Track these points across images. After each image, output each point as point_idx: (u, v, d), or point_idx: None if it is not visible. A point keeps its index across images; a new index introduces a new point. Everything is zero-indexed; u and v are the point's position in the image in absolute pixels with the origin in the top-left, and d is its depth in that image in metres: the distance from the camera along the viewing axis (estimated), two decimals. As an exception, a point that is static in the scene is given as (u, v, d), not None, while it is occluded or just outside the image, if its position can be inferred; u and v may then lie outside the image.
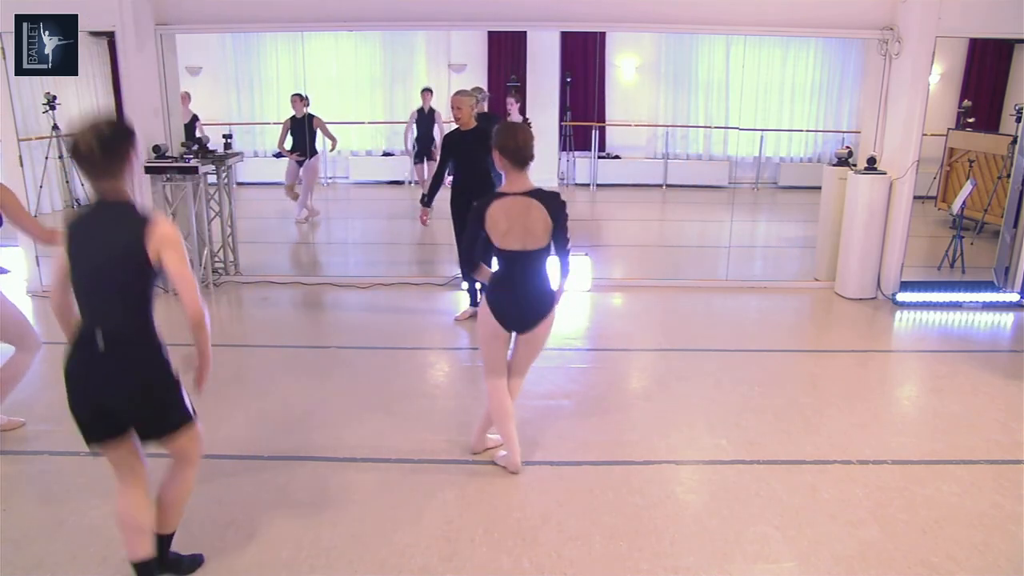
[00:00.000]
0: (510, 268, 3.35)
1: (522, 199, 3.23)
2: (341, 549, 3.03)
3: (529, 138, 3.26)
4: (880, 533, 3.15)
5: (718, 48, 11.95)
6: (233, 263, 7.03)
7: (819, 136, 12.37)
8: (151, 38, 6.23)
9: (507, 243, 3.26)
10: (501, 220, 3.23)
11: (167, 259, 2.54)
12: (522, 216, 3.23)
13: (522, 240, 3.26)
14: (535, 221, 3.24)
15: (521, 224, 3.23)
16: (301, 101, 8.69)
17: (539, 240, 3.28)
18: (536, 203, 3.24)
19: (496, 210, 3.22)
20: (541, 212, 3.24)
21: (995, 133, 9.34)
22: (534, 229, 3.25)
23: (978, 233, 8.40)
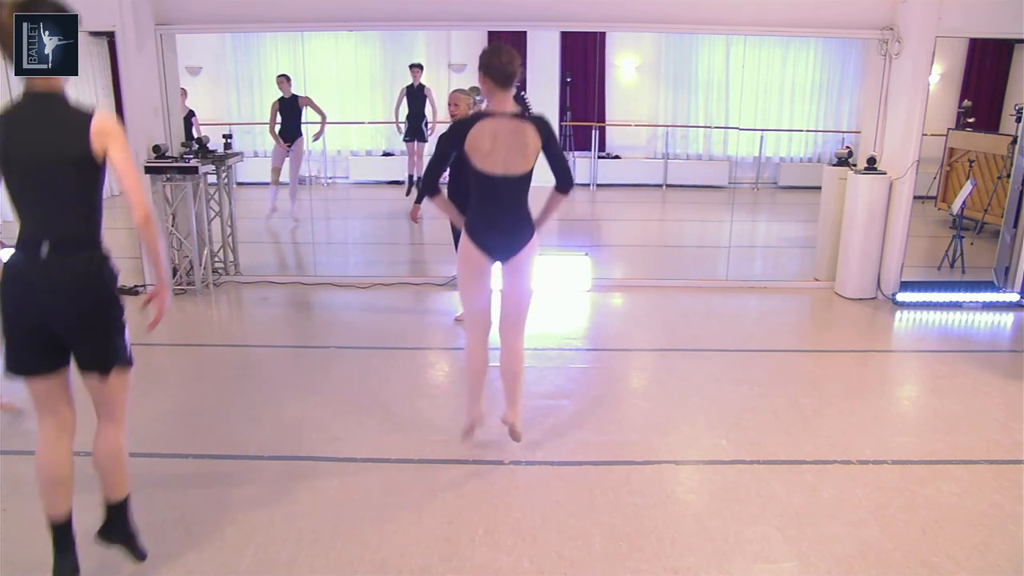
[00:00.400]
0: (490, 192, 3.21)
1: (510, 120, 3.12)
2: (341, 549, 3.03)
3: (513, 56, 3.13)
4: (880, 533, 3.15)
5: (718, 48, 11.95)
6: (233, 263, 7.03)
7: (819, 136, 12.38)
8: (151, 38, 6.22)
9: (489, 165, 3.13)
10: (485, 140, 3.09)
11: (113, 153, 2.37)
12: (509, 137, 3.10)
13: (505, 163, 3.13)
14: (524, 143, 3.11)
15: (506, 145, 3.10)
16: (288, 82, 8.68)
17: (524, 163, 3.16)
18: (526, 124, 3.13)
19: (481, 129, 3.09)
20: (532, 133, 3.13)
21: (995, 133, 9.35)
22: (522, 150, 3.12)
23: (978, 233, 8.41)
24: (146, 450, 3.80)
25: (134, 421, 4.11)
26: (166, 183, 6.31)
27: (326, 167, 11.88)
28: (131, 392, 2.71)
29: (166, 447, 3.83)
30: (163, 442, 3.89)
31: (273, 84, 8.94)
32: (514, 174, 3.17)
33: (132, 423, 4.08)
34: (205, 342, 5.57)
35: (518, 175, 3.18)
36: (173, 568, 2.90)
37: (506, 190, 3.20)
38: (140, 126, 6.21)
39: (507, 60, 3.11)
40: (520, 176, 3.19)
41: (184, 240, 6.52)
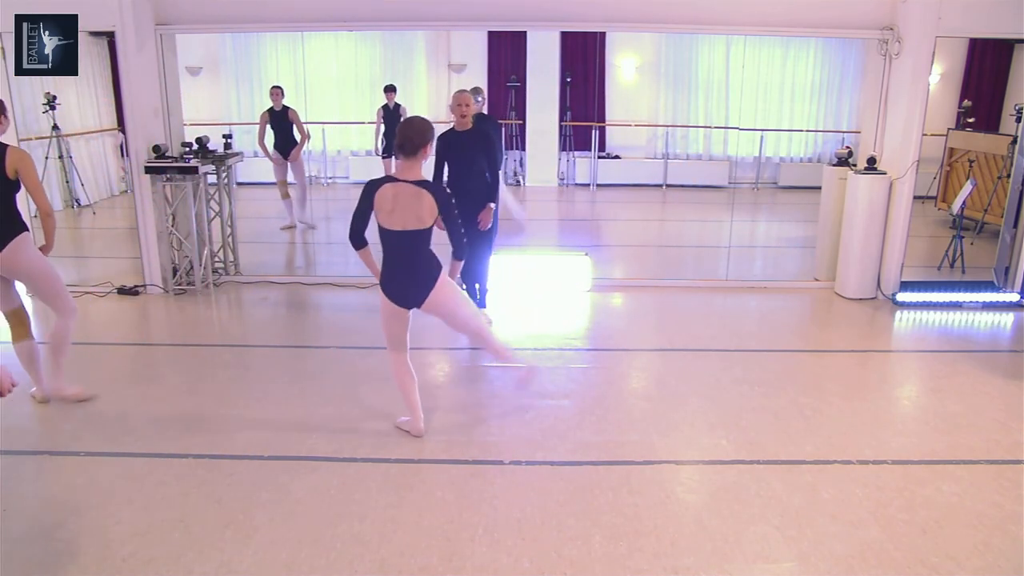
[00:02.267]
0: (393, 247, 3.64)
1: (410, 187, 3.52)
2: (341, 549, 3.03)
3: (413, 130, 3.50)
4: (880, 533, 3.15)
5: (718, 48, 11.95)
6: (233, 263, 7.03)
7: (819, 136, 12.38)
8: (151, 38, 6.23)
9: (390, 223, 3.56)
10: (387, 202, 3.52)
11: None
12: (408, 200, 3.51)
13: (403, 221, 3.54)
14: (422, 207, 3.52)
15: (405, 206, 3.51)
16: (280, 94, 8.55)
17: (421, 222, 3.56)
18: (423, 191, 3.52)
19: (386, 191, 3.52)
20: (429, 200, 3.52)
21: (995, 133, 9.35)
22: (419, 213, 3.53)
23: (978, 233, 8.41)
24: (146, 450, 3.81)
25: (135, 421, 4.13)
26: (166, 183, 6.31)
27: (326, 167, 11.87)
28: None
29: (166, 447, 3.83)
30: (163, 442, 3.89)
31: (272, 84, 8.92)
32: (412, 229, 3.57)
33: (132, 423, 4.10)
34: (205, 342, 5.57)
35: (416, 230, 3.58)
36: (173, 568, 2.90)
37: (407, 242, 3.61)
38: (140, 126, 6.22)
39: (407, 134, 3.51)
40: (418, 231, 3.58)
41: (184, 240, 6.52)
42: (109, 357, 5.15)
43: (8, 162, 3.84)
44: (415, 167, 3.55)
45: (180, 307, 6.18)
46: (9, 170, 3.84)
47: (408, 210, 3.52)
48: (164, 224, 6.40)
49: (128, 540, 3.06)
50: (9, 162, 3.84)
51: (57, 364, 4.27)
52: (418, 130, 3.52)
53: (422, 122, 3.56)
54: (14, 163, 3.86)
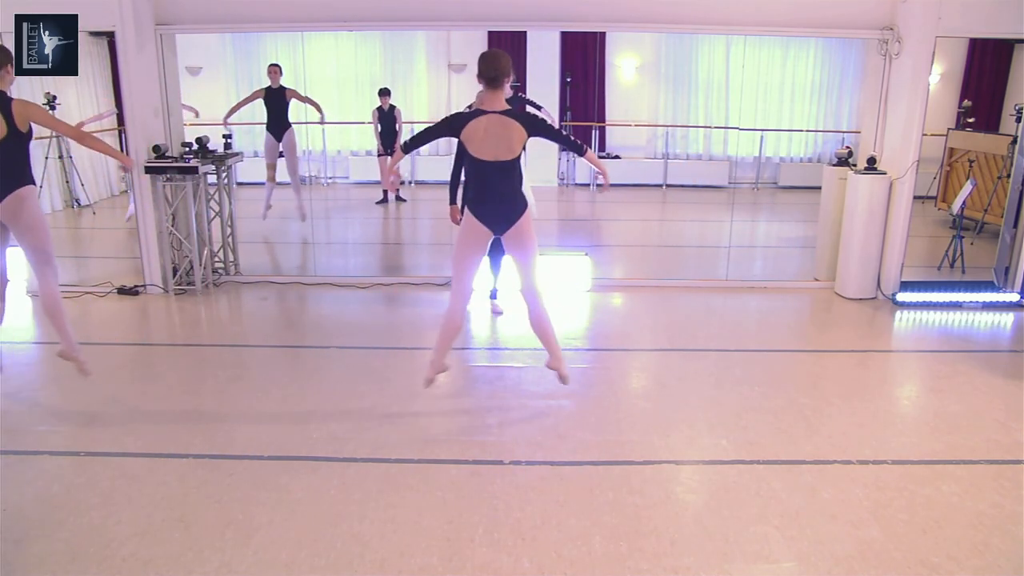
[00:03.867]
0: (483, 175, 3.75)
1: (499, 116, 3.65)
2: (341, 549, 3.03)
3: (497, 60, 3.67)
4: (880, 533, 3.15)
5: (718, 48, 11.95)
6: (233, 263, 7.03)
7: (819, 136, 12.38)
8: (151, 38, 6.23)
9: (481, 153, 3.68)
10: (477, 133, 3.64)
11: None
12: (497, 130, 3.63)
13: (494, 151, 3.66)
14: (511, 135, 3.64)
15: (495, 136, 3.64)
16: (279, 72, 8.37)
17: (511, 151, 3.68)
18: (512, 120, 3.66)
19: (474, 124, 3.64)
20: (516, 126, 3.65)
21: (995, 133, 9.34)
22: (509, 141, 3.65)
23: (978, 233, 8.41)
24: (146, 450, 3.81)
25: (135, 421, 4.13)
26: (166, 183, 6.31)
27: (326, 167, 11.87)
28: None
29: (166, 447, 3.83)
30: (163, 442, 3.89)
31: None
32: (503, 159, 3.69)
33: (133, 423, 4.11)
34: (205, 342, 5.57)
35: (506, 160, 3.70)
36: (173, 568, 2.90)
37: (497, 171, 3.72)
38: (140, 126, 6.21)
39: (492, 64, 3.68)
40: (508, 161, 3.70)
41: (184, 240, 6.52)
42: (109, 357, 5.15)
43: (16, 115, 3.91)
44: (499, 97, 3.69)
45: (180, 307, 6.18)
46: (20, 122, 3.92)
47: (499, 139, 3.64)
48: (164, 224, 6.40)
49: (128, 540, 3.06)
50: (17, 114, 3.91)
51: (63, 326, 4.26)
52: (501, 61, 3.68)
53: (502, 53, 3.75)
54: (23, 114, 3.94)
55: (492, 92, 3.70)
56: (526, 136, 3.68)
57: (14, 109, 3.93)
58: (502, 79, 3.68)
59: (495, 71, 3.66)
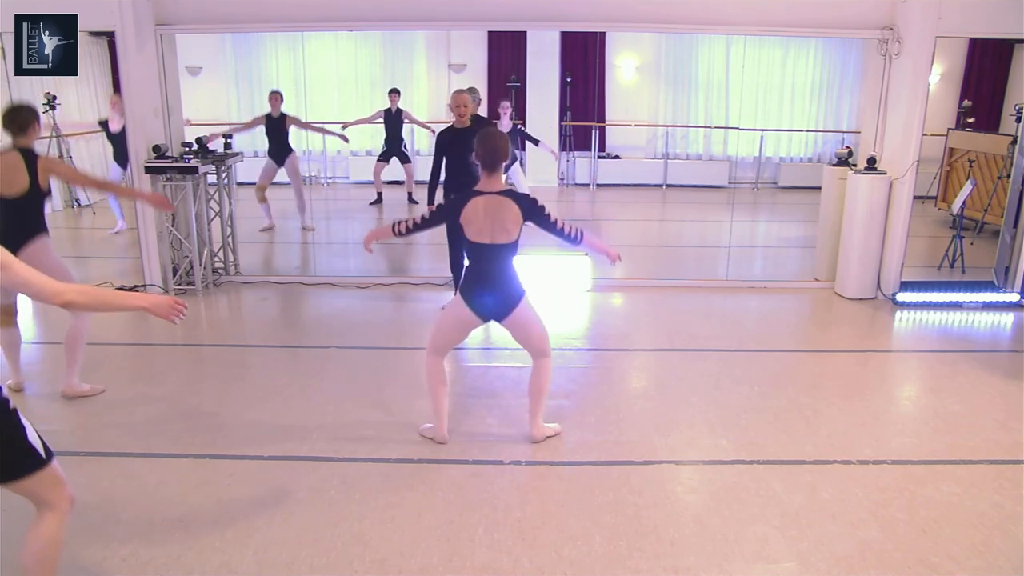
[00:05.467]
0: (480, 260, 3.66)
1: (496, 197, 3.57)
2: (341, 549, 3.03)
3: (498, 144, 3.59)
4: (880, 533, 3.15)
5: (718, 48, 11.94)
6: (233, 263, 7.03)
7: (819, 136, 12.37)
8: (151, 38, 6.23)
9: (478, 237, 3.59)
10: (473, 215, 3.56)
11: None
12: (494, 212, 3.55)
13: (491, 234, 3.57)
14: (507, 217, 3.56)
15: (491, 219, 3.55)
16: (279, 100, 8.38)
17: (508, 235, 3.59)
18: (509, 201, 3.57)
19: (472, 206, 3.56)
20: (513, 208, 3.57)
21: (995, 133, 9.34)
22: (505, 224, 3.56)
23: (978, 233, 8.41)
24: (146, 450, 3.81)
25: (135, 421, 4.13)
26: (166, 183, 6.31)
27: (326, 167, 11.87)
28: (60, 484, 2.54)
29: (166, 447, 3.84)
30: (163, 442, 3.89)
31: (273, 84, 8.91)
32: (500, 243, 3.60)
33: (133, 423, 4.10)
34: (205, 342, 5.57)
35: (503, 244, 3.60)
36: (173, 568, 2.90)
37: (494, 256, 3.63)
38: (140, 126, 6.21)
39: (491, 149, 3.59)
40: (505, 244, 3.61)
41: (184, 240, 6.52)
42: (109, 357, 5.15)
43: (41, 172, 4.06)
44: (497, 178, 3.63)
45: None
46: (42, 178, 4.07)
47: (496, 221, 3.56)
48: (164, 224, 6.40)
49: (128, 540, 3.06)
50: (42, 171, 4.07)
51: (72, 361, 4.38)
52: (499, 146, 3.61)
53: (501, 137, 3.67)
54: (47, 171, 4.10)
55: (489, 175, 3.61)
56: (522, 220, 3.59)
57: (39, 166, 4.08)
58: (500, 163, 3.61)
59: (494, 156, 3.58)
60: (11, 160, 4.08)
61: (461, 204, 3.59)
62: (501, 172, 3.63)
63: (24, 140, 4.13)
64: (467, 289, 3.72)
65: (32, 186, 4.08)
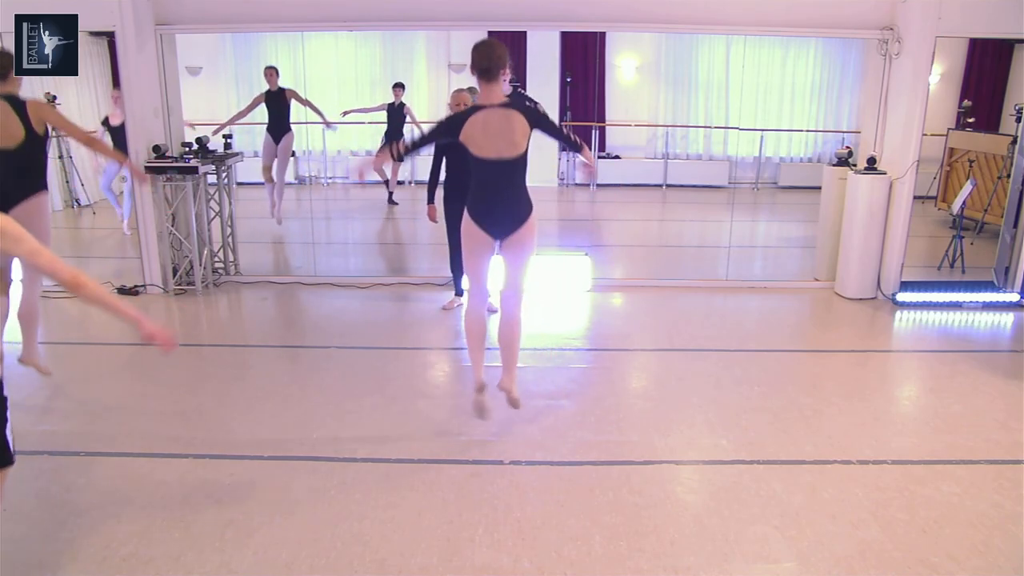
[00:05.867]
0: (487, 176, 3.51)
1: (498, 109, 3.40)
2: (341, 549, 3.03)
3: (492, 50, 3.41)
4: (880, 533, 3.15)
5: (718, 48, 11.95)
6: (233, 263, 7.03)
7: (819, 136, 12.38)
8: (151, 38, 6.23)
9: (484, 151, 3.43)
10: (477, 130, 3.39)
11: None
12: (499, 124, 3.38)
13: (497, 149, 3.42)
14: (513, 128, 3.39)
15: (497, 132, 3.38)
16: (275, 74, 8.29)
17: (516, 147, 3.42)
18: (513, 112, 3.40)
19: (473, 121, 3.39)
20: (519, 119, 3.40)
21: (995, 133, 9.34)
22: (511, 136, 3.39)
23: (978, 233, 8.40)
24: (146, 450, 3.81)
25: (135, 421, 4.13)
26: (166, 183, 6.31)
27: (326, 167, 11.87)
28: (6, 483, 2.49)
29: (166, 447, 3.83)
30: (163, 442, 3.89)
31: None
32: (507, 157, 3.42)
33: (133, 423, 4.10)
34: (205, 342, 5.57)
35: (511, 158, 3.43)
36: (173, 568, 2.90)
37: (502, 171, 3.46)
38: (140, 126, 6.21)
39: (486, 54, 3.40)
40: (513, 159, 3.44)
41: (184, 240, 6.52)
42: (109, 357, 5.15)
43: (32, 116, 3.87)
44: (496, 90, 3.43)
45: (180, 307, 6.18)
46: (36, 123, 3.89)
47: (500, 134, 3.38)
48: (164, 224, 6.40)
49: (128, 540, 3.06)
50: (33, 116, 3.88)
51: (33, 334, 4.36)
52: (495, 51, 3.42)
53: (496, 43, 3.47)
54: (38, 115, 3.91)
55: (488, 85, 3.42)
56: (529, 129, 3.42)
57: (29, 111, 3.94)
58: (498, 70, 3.40)
59: (489, 61, 3.38)
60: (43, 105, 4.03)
61: (462, 119, 3.40)
62: (500, 81, 3.43)
63: (6, 87, 4.00)
64: (475, 208, 3.55)
65: (28, 134, 3.95)
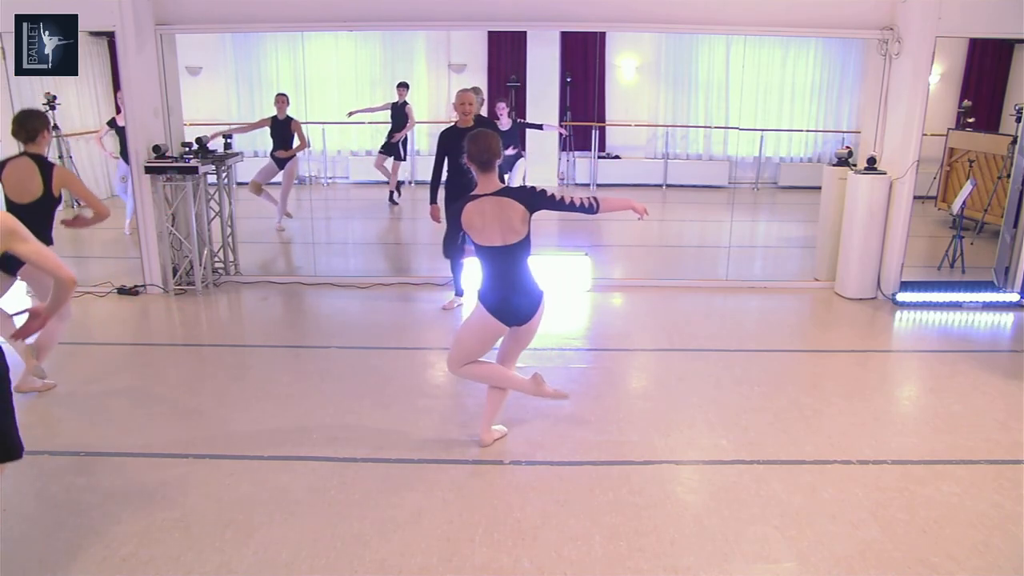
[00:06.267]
0: (493, 263, 3.55)
1: (495, 198, 3.45)
2: (341, 549, 3.03)
3: (488, 143, 3.48)
4: (880, 533, 3.15)
5: (718, 48, 11.95)
6: (233, 263, 7.03)
7: (819, 136, 12.38)
8: (151, 38, 6.23)
9: (486, 240, 3.48)
10: (476, 219, 3.46)
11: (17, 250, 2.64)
12: (496, 212, 3.44)
13: (501, 235, 3.46)
14: (511, 216, 3.43)
15: (496, 220, 3.44)
16: (286, 102, 8.36)
17: (516, 234, 3.47)
18: (509, 200, 3.45)
19: (471, 211, 3.46)
20: (515, 207, 3.44)
21: (995, 133, 9.34)
22: (511, 223, 3.44)
23: (978, 233, 8.40)
24: (146, 450, 3.81)
25: (135, 421, 4.13)
26: (166, 183, 6.31)
27: (326, 167, 11.87)
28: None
29: (166, 447, 3.83)
30: (163, 442, 3.89)
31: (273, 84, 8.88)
32: (510, 243, 3.48)
33: (133, 423, 4.11)
34: (205, 342, 5.57)
35: (514, 243, 3.49)
36: (173, 568, 2.90)
37: (507, 257, 3.51)
38: (140, 126, 6.22)
39: (483, 148, 3.47)
40: (516, 244, 3.49)
41: (184, 240, 6.52)
42: (109, 357, 5.15)
43: (56, 180, 4.16)
44: (493, 178, 3.50)
45: (180, 307, 6.19)
46: (55, 187, 4.17)
47: (501, 222, 3.44)
48: (164, 224, 6.40)
49: (128, 540, 3.06)
50: (56, 180, 4.16)
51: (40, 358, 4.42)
52: (489, 145, 3.49)
53: (491, 136, 3.53)
54: (62, 181, 4.20)
55: (485, 175, 3.50)
56: (528, 214, 3.45)
57: (55, 175, 4.18)
58: (494, 161, 3.50)
59: (487, 155, 3.47)
60: (24, 166, 4.16)
61: (458, 213, 3.49)
62: (495, 171, 3.52)
63: (35, 147, 4.23)
64: (489, 297, 3.57)
65: (45, 194, 4.17)
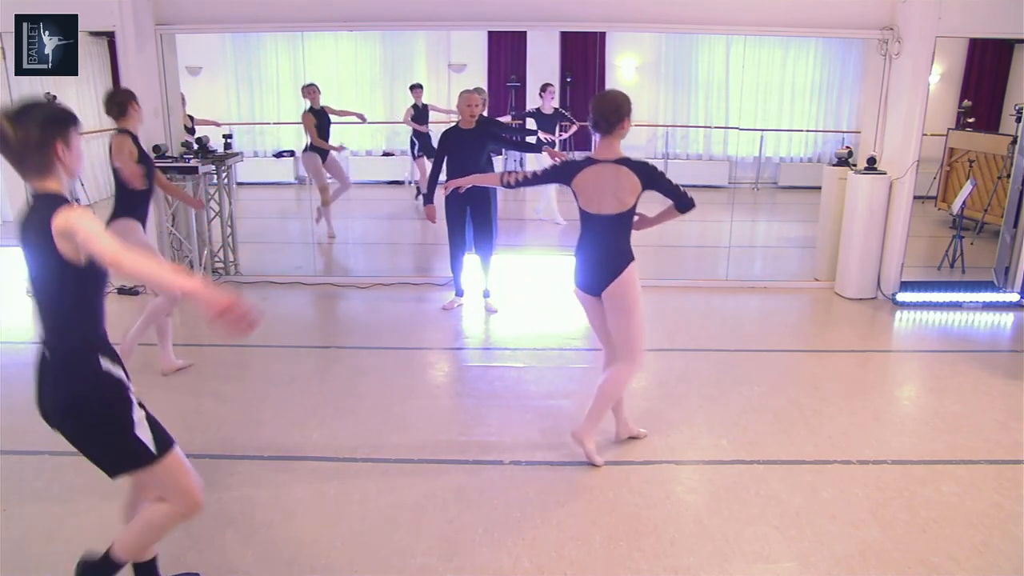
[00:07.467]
0: (589, 228, 3.51)
1: (611, 166, 3.36)
2: (341, 549, 3.03)
3: (618, 101, 3.31)
4: (880, 533, 3.15)
5: (718, 48, 11.94)
6: (233, 263, 7.03)
7: (819, 136, 12.37)
8: (151, 38, 6.23)
9: (591, 206, 3.43)
10: (588, 184, 3.38)
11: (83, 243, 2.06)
12: (608, 181, 3.36)
13: (601, 204, 3.40)
14: (622, 187, 3.35)
15: (604, 188, 3.36)
16: (318, 91, 7.99)
17: (623, 205, 3.39)
18: (626, 170, 3.36)
19: (587, 175, 3.38)
20: (631, 178, 3.36)
21: (995, 133, 9.34)
22: (619, 193, 3.36)
23: (978, 233, 8.40)
24: (146, 450, 3.80)
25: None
26: (166, 183, 6.31)
27: (326, 167, 11.85)
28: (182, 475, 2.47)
29: (166, 447, 3.83)
30: (163, 442, 3.88)
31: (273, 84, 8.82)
32: (610, 213, 3.41)
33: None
34: (205, 342, 5.57)
35: (615, 214, 3.41)
36: (173, 568, 2.90)
37: (603, 227, 3.45)
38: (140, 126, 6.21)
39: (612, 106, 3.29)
40: (617, 215, 3.41)
41: (184, 240, 6.52)
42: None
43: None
44: (614, 144, 3.36)
45: (180, 307, 6.17)
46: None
47: (607, 191, 3.33)
48: (164, 224, 6.40)
49: (128, 540, 3.06)
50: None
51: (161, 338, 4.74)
52: (615, 104, 3.29)
53: (618, 95, 3.32)
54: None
55: (605, 138, 3.33)
56: (640, 188, 3.35)
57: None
58: (615, 123, 3.29)
59: (616, 115, 3.27)
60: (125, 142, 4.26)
61: (576, 169, 3.38)
62: (618, 137, 3.35)
63: (126, 122, 4.31)
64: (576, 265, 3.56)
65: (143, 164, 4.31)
